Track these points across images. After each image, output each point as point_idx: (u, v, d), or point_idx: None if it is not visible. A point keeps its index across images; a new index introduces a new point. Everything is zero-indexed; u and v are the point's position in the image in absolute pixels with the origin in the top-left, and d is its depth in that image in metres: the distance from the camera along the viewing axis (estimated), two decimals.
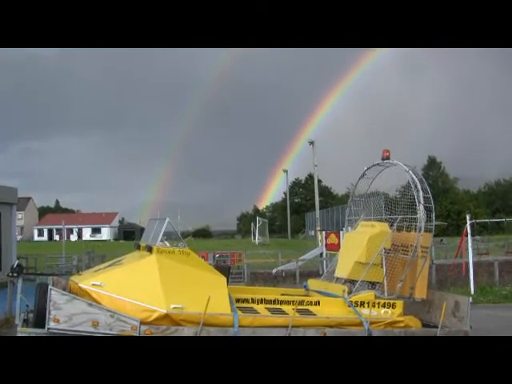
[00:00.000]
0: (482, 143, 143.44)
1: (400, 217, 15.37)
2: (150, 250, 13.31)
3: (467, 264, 29.08)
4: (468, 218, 30.39)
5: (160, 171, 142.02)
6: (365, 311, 13.79)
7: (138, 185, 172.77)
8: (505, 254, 38.22)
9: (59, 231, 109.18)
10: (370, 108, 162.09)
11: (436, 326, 13.68)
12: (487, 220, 45.49)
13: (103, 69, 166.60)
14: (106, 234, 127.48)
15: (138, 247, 14.49)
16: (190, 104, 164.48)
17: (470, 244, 29.42)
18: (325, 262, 34.83)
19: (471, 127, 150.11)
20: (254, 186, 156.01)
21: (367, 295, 14.12)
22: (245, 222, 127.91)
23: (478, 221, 36.51)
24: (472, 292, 26.97)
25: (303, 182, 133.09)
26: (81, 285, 12.33)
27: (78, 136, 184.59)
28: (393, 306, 14.08)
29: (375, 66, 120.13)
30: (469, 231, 29.56)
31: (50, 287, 11.59)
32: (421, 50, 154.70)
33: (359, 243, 14.94)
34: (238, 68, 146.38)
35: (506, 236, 46.72)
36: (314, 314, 13.57)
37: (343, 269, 15.17)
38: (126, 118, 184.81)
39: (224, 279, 13.39)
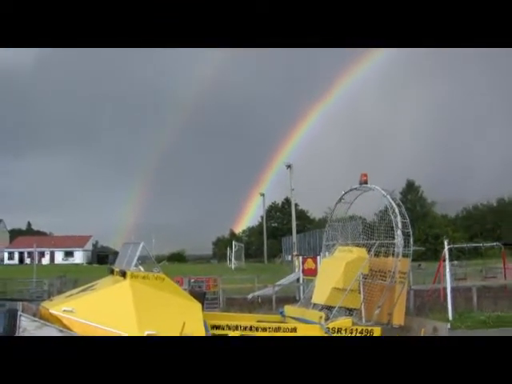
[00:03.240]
0: (460, 168, 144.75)
1: (378, 242, 15.40)
2: (123, 274, 13.20)
3: (445, 289, 29.17)
4: (446, 242, 30.55)
5: (135, 193, 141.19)
6: None
7: (113, 206, 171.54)
8: (482, 280, 38.40)
9: (31, 254, 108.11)
10: (348, 131, 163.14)
11: None
12: (465, 245, 45.62)
13: (77, 86, 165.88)
14: (79, 257, 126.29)
15: (112, 272, 14.36)
16: (167, 125, 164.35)
17: (448, 269, 29.55)
18: (302, 287, 34.82)
19: (449, 152, 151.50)
20: (231, 209, 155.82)
21: (344, 322, 14.10)
22: (220, 247, 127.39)
23: (455, 246, 36.69)
24: (450, 318, 27.03)
25: (280, 205, 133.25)
26: (51, 311, 12.18)
27: (51, 155, 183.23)
28: (370, 332, 14.07)
29: (354, 88, 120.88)
30: (447, 256, 29.70)
31: (19, 313, 11.42)
32: (401, 73, 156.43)
33: (336, 269, 14.94)
34: (215, 90, 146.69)
35: (483, 261, 46.93)
36: None
37: (320, 295, 15.15)
38: (100, 138, 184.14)
39: (199, 305, 13.31)
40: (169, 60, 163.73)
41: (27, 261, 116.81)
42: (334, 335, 13.76)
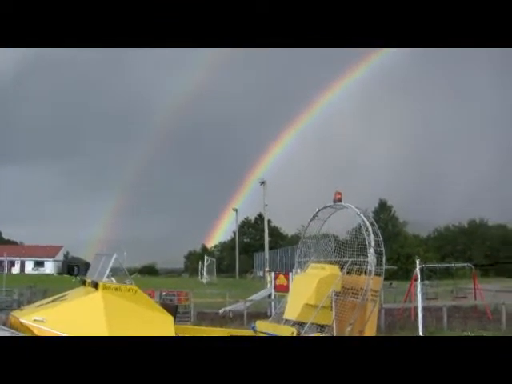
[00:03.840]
0: (432, 189, 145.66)
1: (351, 260, 15.47)
2: (95, 286, 13.12)
3: (416, 309, 29.29)
4: (418, 262, 30.66)
5: (107, 206, 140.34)
6: None
7: (85, 219, 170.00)
8: (453, 299, 38.58)
9: (0, 263, 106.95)
10: (323, 150, 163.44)
11: None
12: (436, 265, 45.93)
13: (52, 97, 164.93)
14: (49, 267, 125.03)
15: (84, 283, 14.27)
16: (139, 140, 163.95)
17: (419, 289, 29.65)
18: (273, 303, 34.75)
19: (421, 173, 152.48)
20: (203, 224, 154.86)
21: None
22: (192, 261, 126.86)
23: (427, 265, 36.87)
24: None
25: (253, 221, 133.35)
26: (22, 320, 12.07)
27: (24, 166, 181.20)
28: None
29: (329, 107, 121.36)
30: (418, 276, 29.82)
31: None
32: (375, 94, 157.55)
33: (309, 285, 14.98)
34: (188, 107, 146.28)
35: (454, 281, 47.24)
36: None
37: (292, 311, 15.17)
38: (73, 150, 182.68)
39: (171, 318, 13.27)
40: (145, 75, 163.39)
41: None
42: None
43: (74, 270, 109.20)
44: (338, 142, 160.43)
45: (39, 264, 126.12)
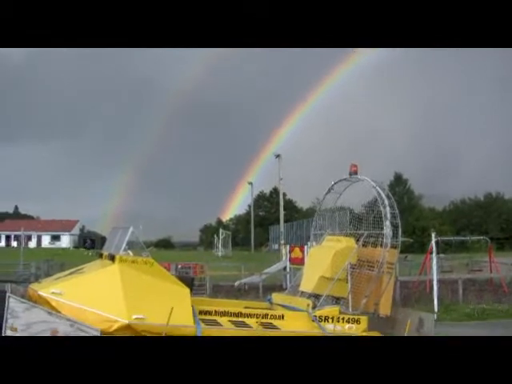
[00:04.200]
0: (447, 162, 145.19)
1: (366, 232, 15.46)
2: (112, 258, 13.21)
3: (431, 281, 29.30)
4: (433, 235, 30.64)
5: (122, 181, 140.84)
6: (329, 326, 13.84)
7: (101, 193, 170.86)
8: (468, 272, 38.49)
9: (17, 237, 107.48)
10: (338, 123, 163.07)
11: None
12: (452, 238, 45.76)
13: (67, 75, 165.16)
14: (65, 241, 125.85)
15: (100, 256, 14.37)
16: (154, 115, 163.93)
17: (434, 262, 29.64)
18: (288, 275, 34.82)
19: (437, 146, 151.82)
20: (218, 197, 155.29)
21: (332, 310, 14.18)
22: (207, 234, 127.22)
23: (442, 238, 36.78)
24: (436, 309, 27.12)
25: (268, 195, 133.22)
26: (40, 292, 12.19)
27: (39, 142, 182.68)
28: (357, 321, 14.16)
29: (345, 82, 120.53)
30: (434, 249, 29.79)
31: (8, 294, 11.40)
32: (391, 70, 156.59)
33: (324, 258, 14.99)
34: (203, 80, 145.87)
35: (470, 254, 47.12)
36: (278, 328, 13.57)
37: (308, 283, 15.21)
38: (89, 127, 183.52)
39: (187, 291, 13.34)
40: (159, 58, 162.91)
41: (14, 244, 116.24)
42: (324, 326, 13.85)
43: (87, 243, 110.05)
44: (354, 115, 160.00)
45: (55, 238, 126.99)
